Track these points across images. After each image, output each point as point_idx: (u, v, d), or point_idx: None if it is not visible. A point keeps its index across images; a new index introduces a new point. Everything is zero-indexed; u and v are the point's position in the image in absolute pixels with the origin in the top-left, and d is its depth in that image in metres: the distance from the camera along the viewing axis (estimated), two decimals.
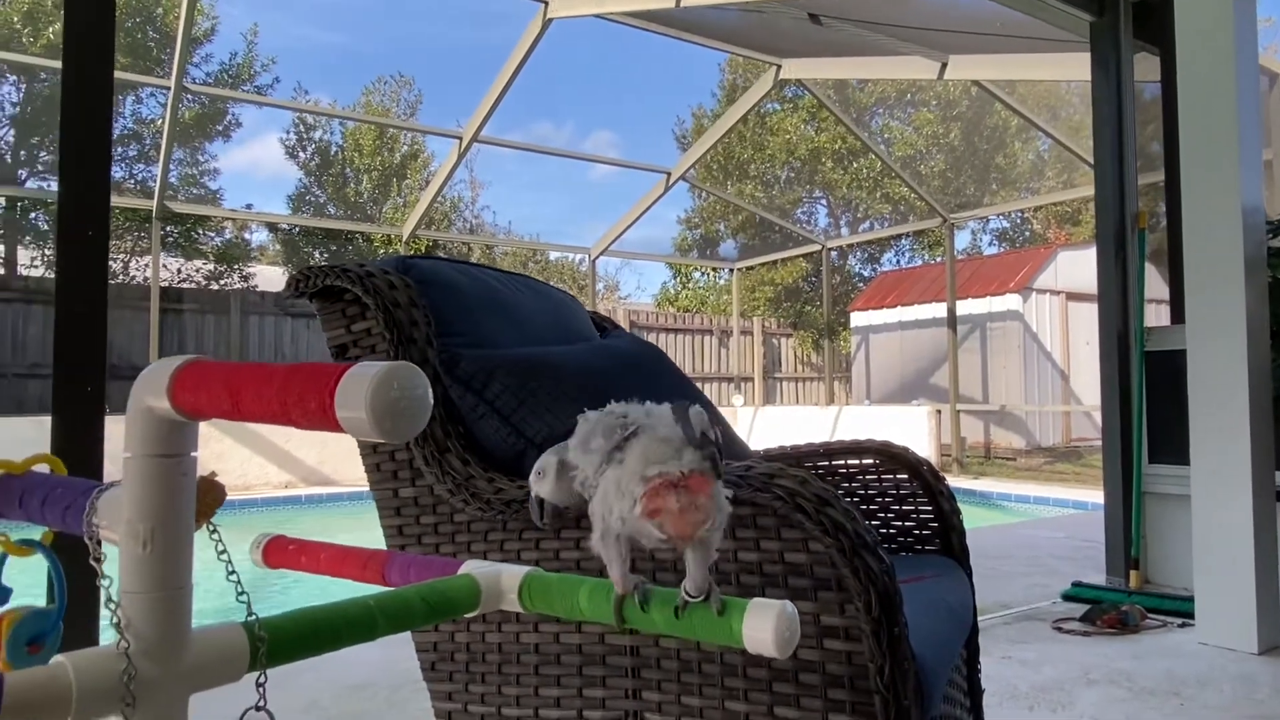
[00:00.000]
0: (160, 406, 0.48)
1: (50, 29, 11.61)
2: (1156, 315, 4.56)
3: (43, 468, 0.81)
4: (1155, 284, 4.35)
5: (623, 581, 0.62)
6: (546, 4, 6.53)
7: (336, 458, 8.59)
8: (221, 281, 13.28)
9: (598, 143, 28.80)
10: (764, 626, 0.55)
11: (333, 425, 0.41)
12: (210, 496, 0.55)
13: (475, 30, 29.44)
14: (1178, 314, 3.98)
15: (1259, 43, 3.21)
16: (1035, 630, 3.05)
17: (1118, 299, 3.93)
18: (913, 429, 10.30)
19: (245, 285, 13.35)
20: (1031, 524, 6.23)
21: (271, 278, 14.12)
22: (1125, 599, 3.33)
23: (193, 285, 12.84)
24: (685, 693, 1.13)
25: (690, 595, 0.60)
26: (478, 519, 1.26)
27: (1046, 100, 14.03)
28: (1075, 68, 5.70)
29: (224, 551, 0.55)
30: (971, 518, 1.65)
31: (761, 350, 14.43)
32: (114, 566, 0.51)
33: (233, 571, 0.55)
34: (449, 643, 1.30)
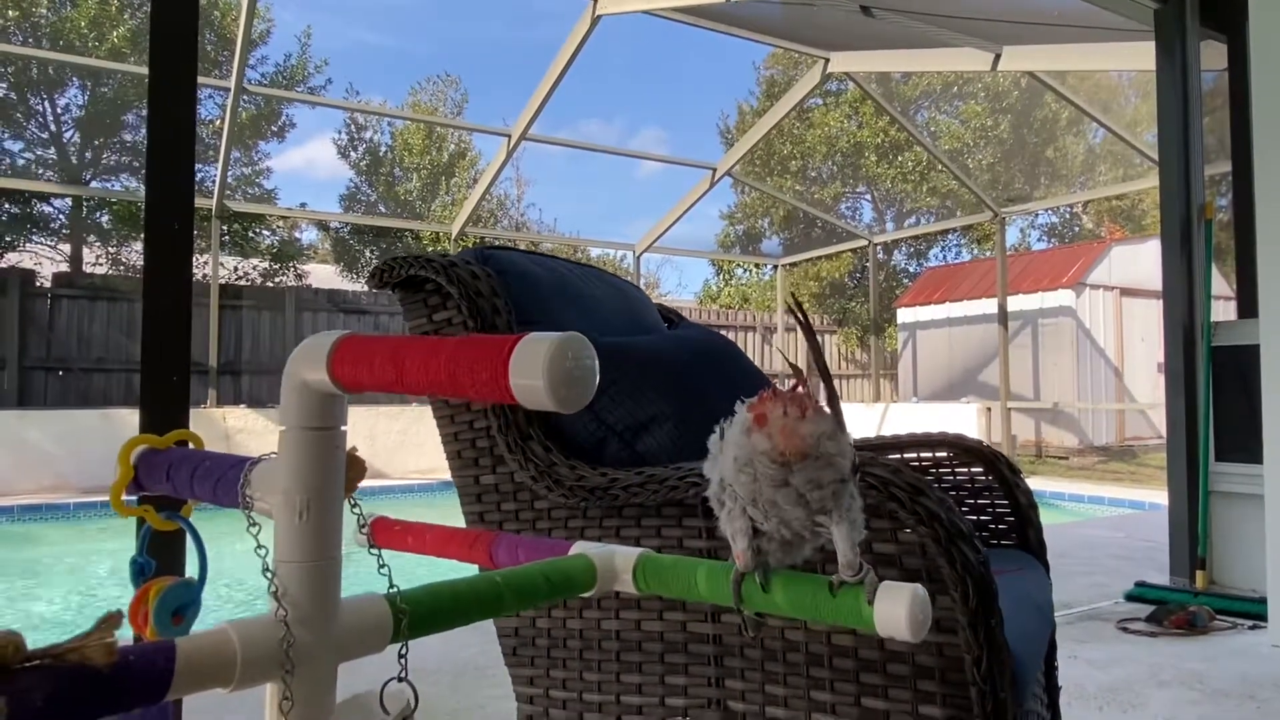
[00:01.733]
0: (318, 379, 0.49)
1: (114, 33, 11.95)
2: (1218, 312, 4.43)
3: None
4: (1216, 281, 4.23)
5: (745, 558, 0.62)
6: (595, 1, 6.55)
7: (387, 450, 8.73)
8: (276, 279, 13.56)
9: (646, 140, 28.81)
10: (897, 610, 0.55)
11: (505, 395, 0.42)
12: (353, 471, 0.57)
13: (523, 29, 29.64)
14: (1247, 308, 3.87)
15: None
16: (1100, 630, 2.99)
17: (1183, 293, 3.83)
18: (962, 427, 10.14)
19: (299, 282, 13.61)
20: (1088, 523, 6.11)
21: (324, 275, 14.38)
22: (1192, 599, 3.25)
23: (249, 283, 13.12)
24: (769, 681, 1.13)
25: (847, 577, 0.59)
26: (559, 505, 1.27)
27: (1098, 95, 13.72)
28: (1135, 57, 5.57)
29: (365, 526, 0.56)
30: None
31: (805, 347, 14.33)
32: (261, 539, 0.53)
33: (374, 547, 0.57)
34: (530, 628, 1.32)
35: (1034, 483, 8.90)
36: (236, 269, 13.37)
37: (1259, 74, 2.98)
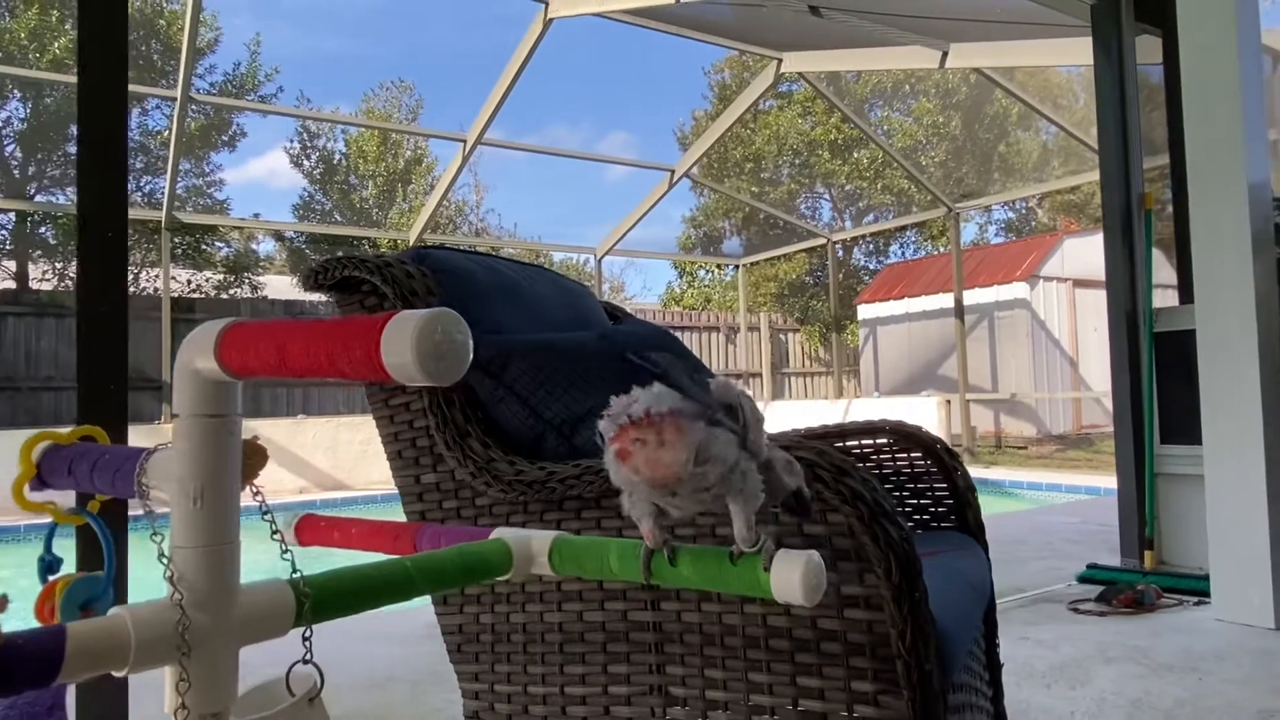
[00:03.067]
0: (208, 367, 0.50)
1: (55, 44, 11.69)
2: (1164, 300, 4.55)
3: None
4: (1164, 270, 4.34)
5: (652, 536, 0.64)
6: (547, 4, 6.56)
7: (348, 462, 8.64)
8: (231, 291, 13.35)
9: (613, 143, 28.77)
10: (791, 575, 0.57)
11: (380, 372, 0.43)
12: (254, 459, 0.57)
13: (477, 34, 29.44)
14: (1186, 295, 3.98)
15: (1262, 22, 3.21)
16: (1051, 611, 3.06)
17: (1126, 281, 3.93)
18: (923, 419, 10.26)
19: (255, 294, 13.42)
20: (1044, 510, 6.23)
21: (280, 286, 14.20)
22: (1140, 579, 3.33)
23: (203, 295, 12.89)
24: (708, 666, 1.15)
25: (745, 549, 0.61)
26: (499, 501, 1.28)
27: (1048, 91, 13.99)
28: (1078, 52, 5.71)
29: (268, 513, 0.57)
30: (985, 506, 1.66)
31: (769, 345, 14.44)
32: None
33: (276, 531, 0.57)
34: (474, 624, 1.32)
35: (994, 473, 9.07)
36: (190, 281, 13.14)
37: (1188, 67, 3.08)
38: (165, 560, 0.51)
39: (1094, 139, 7.67)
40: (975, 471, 9.13)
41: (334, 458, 8.55)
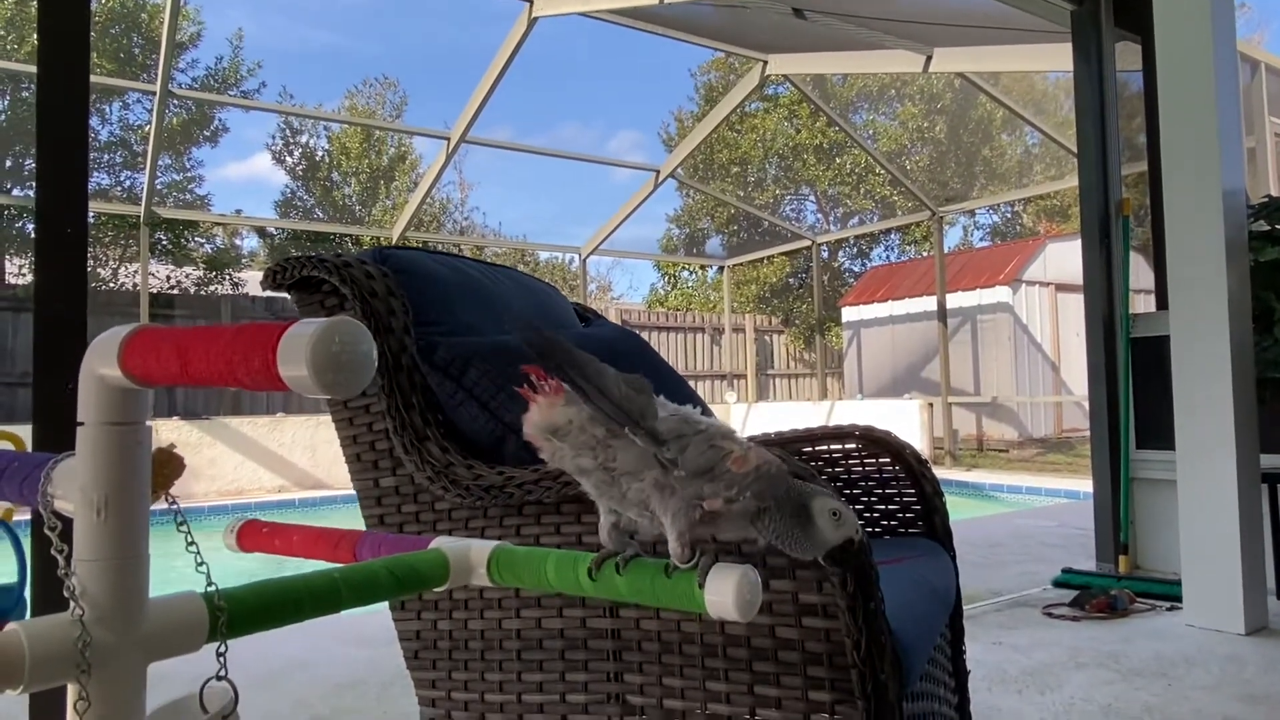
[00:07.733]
0: (111, 374, 0.48)
1: (34, 35, 11.53)
2: (1145, 305, 4.57)
3: (6, 446, 0.80)
4: (1145, 275, 4.37)
5: (608, 538, 0.66)
6: (531, 3, 6.53)
7: (329, 460, 8.57)
8: (211, 287, 13.22)
9: (623, 142, 28.91)
10: (725, 590, 0.56)
11: (277, 383, 0.41)
12: (169, 468, 0.55)
13: (464, 31, 29.27)
14: (1162, 300, 4.00)
15: (1239, 30, 3.23)
16: (1026, 616, 3.07)
17: (1103, 286, 3.95)
18: (905, 422, 10.32)
19: (235, 290, 13.29)
20: (1024, 514, 6.25)
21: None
22: (1114, 584, 3.34)
23: (181, 292, 12.76)
24: (666, 674, 1.13)
25: (679, 564, 0.61)
26: (458, 506, 1.26)
27: (1031, 96, 14.07)
28: (1060, 58, 5.73)
29: (184, 523, 0.55)
30: (965, 509, 1.66)
31: (754, 347, 14.45)
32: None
33: (192, 543, 0.55)
34: (432, 631, 1.30)
35: (975, 475, 9.10)
36: (169, 278, 12.99)
37: (1164, 75, 3.09)
38: (65, 574, 0.49)
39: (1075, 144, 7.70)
40: (956, 475, 9.16)
41: (313, 457, 8.48)
